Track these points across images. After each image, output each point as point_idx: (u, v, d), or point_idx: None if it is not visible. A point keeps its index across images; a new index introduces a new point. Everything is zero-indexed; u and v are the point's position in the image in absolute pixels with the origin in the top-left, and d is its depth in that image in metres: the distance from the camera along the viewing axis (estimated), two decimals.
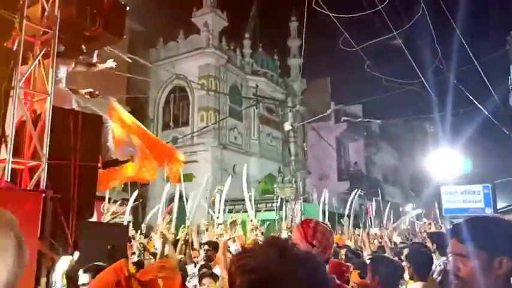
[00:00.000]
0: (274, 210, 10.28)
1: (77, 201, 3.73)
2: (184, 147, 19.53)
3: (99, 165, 4.34)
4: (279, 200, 13.25)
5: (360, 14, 7.85)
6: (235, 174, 20.19)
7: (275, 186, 14.02)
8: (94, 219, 5.01)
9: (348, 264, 4.12)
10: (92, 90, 5.04)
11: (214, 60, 19.92)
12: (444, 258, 4.07)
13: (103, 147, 4.37)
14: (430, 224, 11.63)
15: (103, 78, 14.91)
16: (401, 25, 8.39)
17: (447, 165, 14.08)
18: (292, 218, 10.98)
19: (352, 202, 13.75)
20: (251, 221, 7.99)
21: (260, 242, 0.98)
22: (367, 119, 21.58)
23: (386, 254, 5.62)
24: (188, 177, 17.27)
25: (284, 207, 12.99)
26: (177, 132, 20.27)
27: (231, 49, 21.74)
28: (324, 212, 11.75)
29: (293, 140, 16.23)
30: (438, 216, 15.12)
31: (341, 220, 12.27)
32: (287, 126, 15.53)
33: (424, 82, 9.92)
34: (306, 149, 25.68)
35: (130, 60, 11.06)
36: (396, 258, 4.86)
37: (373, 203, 15.24)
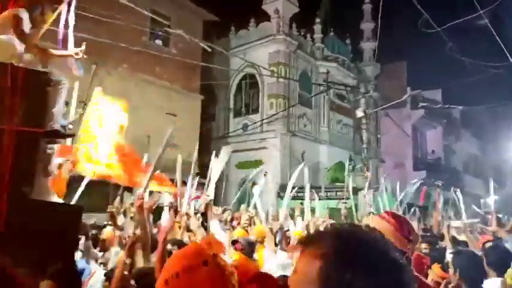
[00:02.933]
0: (343, 198, 10.08)
1: (11, 174, 3.14)
2: (254, 134, 19.84)
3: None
4: (350, 189, 12.99)
5: None
6: (304, 161, 20.13)
7: (345, 174, 13.70)
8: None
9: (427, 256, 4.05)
10: (78, 50, 4.05)
11: (284, 47, 19.82)
12: None
13: (47, 112, 3.63)
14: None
15: (178, 67, 15.60)
16: (487, 3, 7.67)
17: None
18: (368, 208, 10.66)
19: (427, 192, 13.00)
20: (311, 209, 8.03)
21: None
22: (447, 106, 20.16)
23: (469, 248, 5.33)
24: (257, 164, 17.59)
25: (355, 196, 12.66)
26: (247, 119, 20.60)
27: (301, 35, 21.46)
28: (401, 202, 11.26)
29: (365, 127, 15.71)
30: None
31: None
32: (359, 113, 15.05)
33: None
34: (379, 136, 24.75)
35: (209, 49, 11.35)
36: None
37: (439, 191, 14.16)
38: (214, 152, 7.13)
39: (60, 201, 3.86)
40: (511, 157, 24.46)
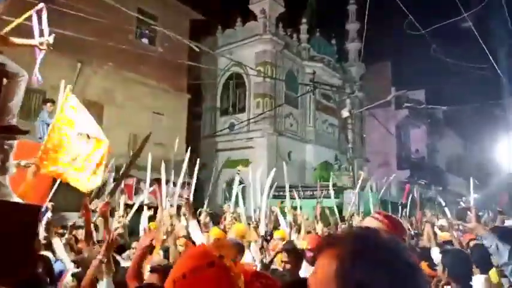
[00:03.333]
0: (330, 197, 10.19)
1: None
2: (241, 133, 19.87)
3: None
4: (333, 188, 13.11)
5: None
6: (290, 160, 20.23)
7: (331, 173, 13.83)
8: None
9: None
10: (44, 40, 3.65)
11: (270, 47, 19.89)
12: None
13: (4, 106, 3.41)
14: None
15: (164, 66, 15.52)
16: (471, 5, 7.85)
17: None
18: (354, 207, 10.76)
19: (410, 190, 13.22)
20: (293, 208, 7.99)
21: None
22: (431, 106, 20.50)
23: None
24: (244, 163, 17.62)
25: (340, 195, 12.80)
26: (234, 119, 20.61)
27: (287, 35, 21.56)
28: (383, 201, 11.44)
29: (351, 127, 15.86)
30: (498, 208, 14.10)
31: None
32: (345, 113, 15.18)
33: (495, 66, 9.24)
34: (364, 135, 25.03)
35: (197, 49, 11.32)
36: None
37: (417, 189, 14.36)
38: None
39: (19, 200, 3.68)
40: (493, 156, 24.99)
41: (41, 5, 3.76)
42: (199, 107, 21.13)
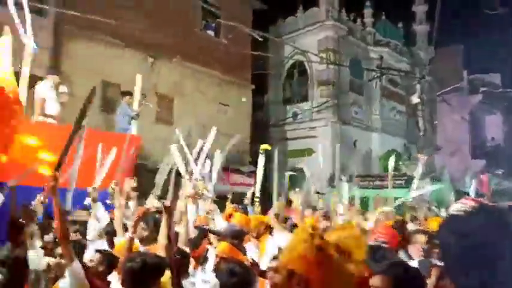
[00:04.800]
0: (401, 187, 9.81)
1: None
2: (304, 122, 19.73)
3: None
4: (403, 178, 12.64)
5: None
6: (356, 149, 19.78)
7: (400, 163, 13.33)
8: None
9: None
10: None
11: (333, 33, 19.44)
12: None
13: None
14: None
15: (229, 57, 15.78)
16: None
17: None
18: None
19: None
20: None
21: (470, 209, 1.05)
22: (509, 89, 18.92)
23: None
24: (308, 152, 17.53)
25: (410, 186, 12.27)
26: (297, 108, 20.51)
27: (351, 20, 20.93)
28: (457, 192, 10.83)
29: (421, 113, 15.14)
30: None
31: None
32: (414, 99, 14.55)
33: None
34: (435, 122, 23.74)
35: (260, 38, 11.36)
36: None
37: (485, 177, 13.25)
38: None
39: None
40: None
41: None
42: (262, 97, 21.27)
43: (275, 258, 2.94)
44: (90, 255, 3.37)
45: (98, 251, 3.31)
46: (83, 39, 11.90)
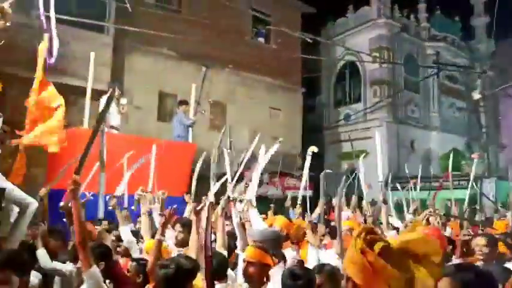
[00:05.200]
0: (463, 188, 9.35)
1: None
2: (357, 123, 19.37)
3: None
4: (466, 178, 11.98)
5: None
6: (413, 150, 19.09)
7: (463, 162, 12.71)
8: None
9: None
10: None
11: (386, 31, 18.98)
12: None
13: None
14: None
15: (279, 62, 15.94)
16: None
17: None
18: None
19: None
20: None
21: None
22: None
23: None
24: (362, 154, 17.14)
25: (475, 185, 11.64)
26: (349, 109, 20.21)
27: (404, 16, 20.33)
28: None
29: (483, 109, 14.36)
30: None
31: None
32: (476, 95, 13.85)
33: None
34: (499, 118, 22.32)
35: (310, 41, 11.40)
36: None
37: None
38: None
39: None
40: None
41: None
42: (313, 100, 21.18)
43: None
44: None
45: (133, 259, 3.40)
46: (141, 54, 12.62)
